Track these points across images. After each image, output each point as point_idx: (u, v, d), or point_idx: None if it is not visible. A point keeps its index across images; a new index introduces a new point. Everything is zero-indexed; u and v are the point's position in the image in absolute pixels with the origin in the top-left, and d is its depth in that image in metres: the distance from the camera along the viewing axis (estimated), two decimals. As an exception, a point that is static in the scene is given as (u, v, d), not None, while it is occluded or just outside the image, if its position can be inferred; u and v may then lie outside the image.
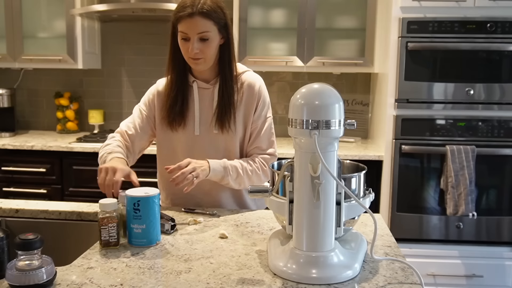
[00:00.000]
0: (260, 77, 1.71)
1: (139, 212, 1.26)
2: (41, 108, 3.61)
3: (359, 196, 1.20)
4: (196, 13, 1.51)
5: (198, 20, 1.52)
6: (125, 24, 3.44)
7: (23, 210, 1.62)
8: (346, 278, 1.08)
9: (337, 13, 3.07)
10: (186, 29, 1.53)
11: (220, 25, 1.56)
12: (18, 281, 1.00)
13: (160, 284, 1.06)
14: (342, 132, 1.08)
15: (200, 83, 1.65)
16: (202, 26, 1.52)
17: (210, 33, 1.54)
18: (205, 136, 1.64)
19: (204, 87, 1.65)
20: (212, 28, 1.54)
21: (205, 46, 1.55)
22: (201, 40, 1.54)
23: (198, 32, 1.53)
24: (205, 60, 1.57)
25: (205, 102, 1.65)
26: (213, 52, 1.57)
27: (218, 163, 1.56)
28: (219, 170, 1.55)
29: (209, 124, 1.64)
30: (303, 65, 3.02)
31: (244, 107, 1.65)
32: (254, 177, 1.63)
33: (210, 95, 1.65)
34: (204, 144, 1.64)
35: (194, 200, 1.69)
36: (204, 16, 1.52)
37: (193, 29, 1.52)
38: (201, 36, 1.53)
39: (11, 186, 2.98)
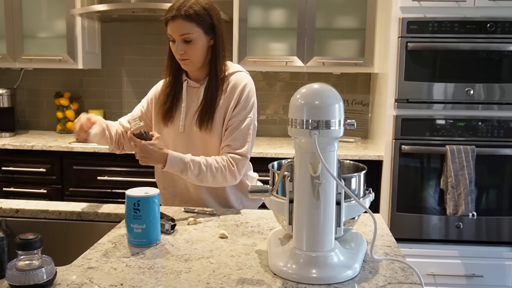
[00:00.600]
0: (250, 79, 1.70)
1: (139, 212, 1.26)
2: (41, 108, 3.61)
3: (359, 196, 1.20)
4: (178, 16, 1.56)
5: (180, 23, 1.57)
6: (125, 24, 3.44)
7: (23, 210, 1.62)
8: (346, 278, 1.08)
9: (337, 13, 3.07)
10: (170, 31, 1.60)
11: (205, 27, 1.60)
12: (18, 281, 1.00)
13: (160, 284, 1.06)
14: (342, 132, 1.08)
15: (190, 82, 1.70)
16: (184, 28, 1.57)
17: (193, 35, 1.58)
18: (188, 133, 1.67)
19: (193, 86, 1.69)
20: (195, 30, 1.58)
21: (189, 48, 1.59)
22: (185, 42, 1.59)
23: (181, 34, 1.58)
24: (191, 61, 1.62)
25: (192, 100, 1.69)
26: (199, 53, 1.61)
27: (178, 157, 1.55)
28: (177, 164, 1.54)
29: (191, 121, 1.67)
30: (303, 65, 3.02)
31: (224, 106, 1.65)
32: (219, 175, 1.59)
33: (196, 93, 1.68)
34: (186, 141, 1.68)
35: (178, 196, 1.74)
36: (186, 19, 1.56)
37: (175, 31, 1.59)
38: (184, 38, 1.58)
39: (11, 186, 2.98)
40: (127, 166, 2.88)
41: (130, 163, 2.86)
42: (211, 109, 1.63)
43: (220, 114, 1.65)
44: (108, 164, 2.91)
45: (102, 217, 1.59)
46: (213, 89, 1.64)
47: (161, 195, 1.78)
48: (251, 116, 1.66)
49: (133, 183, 2.78)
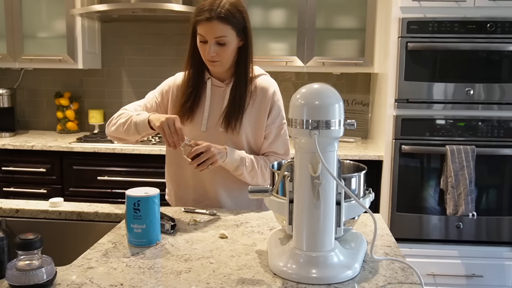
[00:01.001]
0: (275, 82, 1.73)
1: (139, 212, 1.26)
2: (41, 108, 3.61)
3: (359, 196, 1.20)
4: (214, 18, 1.52)
5: (215, 25, 1.52)
6: (125, 24, 3.44)
7: (23, 210, 1.62)
8: (346, 278, 1.08)
9: (337, 13, 3.06)
10: (203, 33, 1.55)
11: (238, 29, 1.56)
12: (18, 281, 1.00)
13: (160, 284, 1.06)
14: (342, 132, 1.08)
15: (214, 81, 1.67)
16: (219, 30, 1.53)
17: (227, 38, 1.55)
18: (211, 133, 1.65)
19: (218, 85, 1.67)
20: (229, 32, 1.55)
21: (221, 50, 1.56)
22: (218, 44, 1.55)
23: (215, 37, 1.54)
24: (221, 62, 1.59)
25: (216, 99, 1.66)
26: (230, 55, 1.59)
27: (236, 152, 1.58)
28: (236, 159, 1.57)
29: (216, 121, 1.64)
30: (303, 65, 3.02)
31: (255, 111, 1.65)
32: (267, 174, 1.64)
33: (222, 93, 1.66)
34: (208, 140, 1.63)
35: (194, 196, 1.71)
36: (222, 20, 1.52)
37: (210, 33, 1.53)
38: (218, 41, 1.54)
39: (11, 186, 2.98)
40: (127, 166, 2.88)
41: (130, 163, 2.86)
42: (239, 111, 1.62)
43: (250, 117, 1.64)
44: (108, 164, 2.91)
45: (102, 217, 1.59)
46: (242, 90, 1.63)
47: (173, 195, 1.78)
48: (285, 121, 1.70)
49: (133, 183, 2.78)
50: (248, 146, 1.68)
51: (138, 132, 1.57)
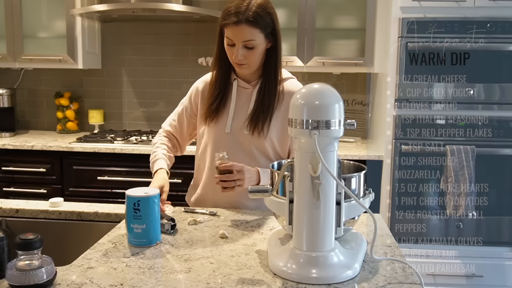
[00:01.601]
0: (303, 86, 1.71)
1: (139, 212, 1.26)
2: (41, 108, 3.61)
3: (359, 196, 1.20)
4: (242, 21, 1.49)
5: (244, 28, 1.50)
6: (125, 24, 3.44)
7: (23, 210, 1.62)
8: (346, 278, 1.08)
9: (337, 13, 3.06)
10: (231, 36, 1.52)
11: (267, 31, 1.54)
12: (18, 281, 1.00)
13: (160, 284, 1.06)
14: (342, 132, 1.08)
15: (240, 82, 1.65)
16: (247, 34, 1.50)
17: (256, 41, 1.52)
18: (235, 135, 1.63)
19: (244, 87, 1.65)
20: (258, 36, 1.52)
21: (250, 53, 1.54)
22: (246, 48, 1.53)
23: (244, 40, 1.51)
24: (249, 65, 1.57)
25: (242, 101, 1.64)
26: (258, 58, 1.56)
27: (267, 174, 1.56)
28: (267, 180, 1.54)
29: (241, 124, 1.63)
30: (303, 65, 3.02)
31: (282, 115, 1.62)
32: None
33: (248, 95, 1.64)
34: (232, 143, 1.63)
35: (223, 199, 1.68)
36: (250, 24, 1.49)
37: (238, 37, 1.51)
38: (246, 44, 1.52)
39: (11, 186, 2.98)
40: (127, 166, 2.88)
41: (130, 163, 2.86)
42: (267, 114, 1.60)
43: (276, 121, 1.62)
44: (108, 164, 2.91)
45: (102, 217, 1.59)
46: (271, 93, 1.60)
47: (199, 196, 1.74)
48: None
49: (133, 183, 2.78)
50: (273, 151, 1.65)
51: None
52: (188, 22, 3.35)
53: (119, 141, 2.99)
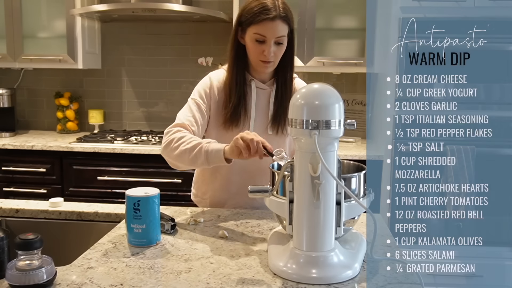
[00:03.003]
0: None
1: (139, 212, 1.26)
2: (41, 108, 3.61)
3: (359, 196, 1.21)
4: (278, 17, 1.50)
5: (279, 24, 1.51)
6: (125, 24, 3.44)
7: (23, 210, 1.62)
8: (346, 278, 1.08)
9: (337, 13, 3.07)
10: (264, 32, 1.50)
11: (291, 28, 1.56)
12: (18, 281, 1.00)
13: (160, 284, 1.06)
14: (342, 132, 1.08)
15: (257, 83, 1.63)
16: (281, 30, 1.52)
17: (285, 37, 1.54)
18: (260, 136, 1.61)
19: (262, 87, 1.64)
20: (286, 32, 1.54)
21: (278, 50, 1.55)
22: (276, 44, 1.53)
23: (277, 36, 1.52)
24: (274, 63, 1.58)
25: (261, 102, 1.63)
26: (281, 55, 1.58)
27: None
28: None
29: (264, 124, 1.62)
30: (303, 65, 3.02)
31: None
32: None
33: (267, 95, 1.63)
34: None
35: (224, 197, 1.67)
36: (284, 20, 1.52)
37: (273, 32, 1.51)
38: (278, 40, 1.53)
39: (11, 186, 2.98)
40: (127, 166, 2.88)
41: (130, 163, 2.86)
42: (285, 113, 1.59)
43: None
44: (108, 164, 2.91)
45: (102, 217, 1.59)
46: (288, 91, 1.61)
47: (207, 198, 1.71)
48: None
49: (133, 183, 2.78)
50: (289, 147, 1.67)
51: (208, 163, 1.43)
52: (188, 22, 3.35)
53: (119, 141, 2.99)
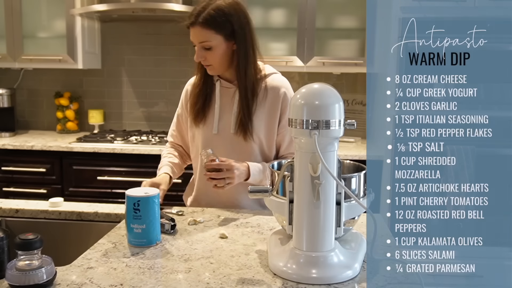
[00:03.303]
0: (287, 81, 1.68)
1: (139, 212, 1.26)
2: (41, 108, 3.61)
3: (359, 196, 1.21)
4: (196, 23, 1.52)
5: (198, 30, 1.53)
6: (125, 24, 3.44)
7: (23, 210, 1.62)
8: (346, 278, 1.08)
9: (337, 13, 3.07)
10: (191, 38, 1.56)
11: (226, 33, 1.54)
12: (18, 281, 1.00)
13: (160, 284, 1.06)
14: (342, 132, 1.08)
15: (223, 82, 1.65)
16: (202, 36, 1.53)
17: (212, 43, 1.53)
18: (222, 135, 1.63)
19: (227, 87, 1.65)
20: (213, 38, 1.53)
21: (208, 54, 1.55)
22: (204, 49, 1.55)
23: (199, 42, 1.54)
24: (213, 66, 1.58)
25: (226, 101, 1.64)
26: (220, 59, 1.57)
27: (257, 168, 1.57)
28: (258, 173, 1.57)
29: (227, 124, 1.63)
30: (303, 65, 3.02)
31: (267, 112, 1.62)
32: None
33: (232, 95, 1.64)
34: (220, 144, 1.63)
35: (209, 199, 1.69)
36: (204, 26, 1.52)
37: (194, 38, 1.55)
38: (203, 45, 1.54)
39: (11, 186, 2.98)
40: (127, 166, 2.88)
41: (130, 163, 2.86)
42: (247, 113, 1.59)
43: (260, 118, 1.61)
44: (108, 164, 2.91)
45: (102, 217, 1.59)
46: (248, 93, 1.60)
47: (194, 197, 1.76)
48: None
49: (133, 183, 2.77)
50: (260, 149, 1.65)
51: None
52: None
53: (119, 141, 2.99)
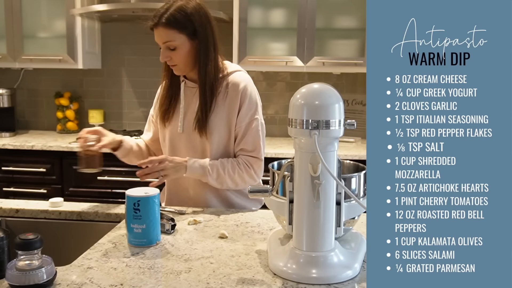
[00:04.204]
0: (249, 78, 1.68)
1: (139, 212, 1.26)
2: (41, 108, 3.61)
3: (359, 196, 1.21)
4: (158, 24, 1.54)
5: (161, 31, 1.55)
6: (125, 24, 3.44)
7: (23, 210, 1.62)
8: (346, 278, 1.08)
9: (337, 13, 3.07)
10: (156, 39, 1.59)
11: (188, 32, 1.56)
12: (18, 281, 1.00)
13: (160, 284, 1.06)
14: (342, 132, 1.08)
15: (188, 83, 1.68)
16: (165, 36, 1.55)
17: (175, 42, 1.55)
18: (187, 134, 1.65)
19: (191, 86, 1.67)
20: (177, 37, 1.55)
21: (173, 54, 1.58)
22: (169, 49, 1.57)
23: (163, 42, 1.57)
24: (179, 66, 1.61)
25: (190, 101, 1.66)
26: (185, 59, 1.59)
27: (197, 163, 1.58)
28: (197, 169, 1.58)
29: (191, 123, 1.64)
30: (303, 65, 3.02)
31: (227, 108, 1.62)
32: (237, 177, 1.61)
33: (194, 94, 1.66)
34: (184, 143, 1.66)
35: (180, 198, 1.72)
36: (166, 26, 1.54)
37: (158, 39, 1.58)
38: (167, 46, 1.57)
39: (11, 186, 2.98)
40: (127, 166, 2.86)
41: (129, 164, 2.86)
42: (205, 112, 1.60)
43: (220, 116, 1.61)
44: (108, 164, 2.88)
45: (102, 217, 1.59)
46: (207, 91, 1.60)
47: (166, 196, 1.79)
48: (257, 117, 1.64)
49: (133, 183, 2.78)
50: (223, 147, 1.65)
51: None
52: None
53: (119, 141, 2.99)
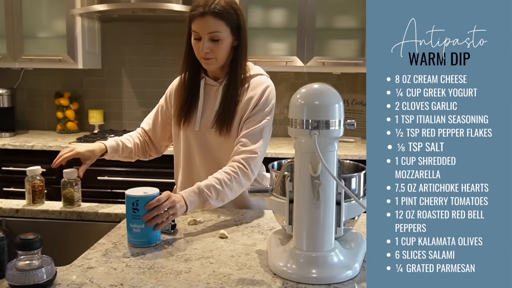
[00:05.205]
0: (271, 82, 1.66)
1: (138, 212, 1.26)
2: (41, 108, 3.61)
3: (359, 196, 1.21)
4: (208, 13, 1.51)
5: (209, 20, 1.52)
6: (125, 24, 3.44)
7: (23, 210, 1.62)
8: (346, 278, 1.08)
9: (337, 13, 3.07)
10: (197, 29, 1.54)
11: (232, 26, 1.55)
12: (18, 281, 1.00)
13: (160, 284, 1.06)
14: (342, 132, 1.08)
15: (208, 80, 1.65)
16: (213, 26, 1.52)
17: (221, 34, 1.53)
18: (204, 133, 1.63)
19: (211, 84, 1.65)
20: (223, 29, 1.53)
21: (215, 46, 1.54)
22: (212, 40, 1.54)
23: (209, 32, 1.53)
24: (216, 60, 1.57)
25: (209, 99, 1.64)
26: (225, 52, 1.57)
27: (192, 193, 1.41)
28: (195, 200, 1.41)
29: (209, 121, 1.62)
30: (303, 65, 3.02)
31: (244, 108, 1.61)
32: (235, 186, 1.50)
33: (215, 92, 1.64)
34: (201, 140, 1.63)
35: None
36: (216, 16, 1.52)
37: (204, 28, 1.53)
38: (211, 36, 1.53)
39: (11, 186, 2.98)
40: (127, 166, 2.88)
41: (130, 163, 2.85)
42: (230, 112, 1.59)
43: (239, 116, 1.60)
44: (108, 164, 2.89)
45: (102, 217, 1.59)
46: (235, 90, 1.59)
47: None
48: (268, 119, 1.61)
49: (133, 183, 2.78)
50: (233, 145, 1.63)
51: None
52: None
53: (119, 141, 2.99)
